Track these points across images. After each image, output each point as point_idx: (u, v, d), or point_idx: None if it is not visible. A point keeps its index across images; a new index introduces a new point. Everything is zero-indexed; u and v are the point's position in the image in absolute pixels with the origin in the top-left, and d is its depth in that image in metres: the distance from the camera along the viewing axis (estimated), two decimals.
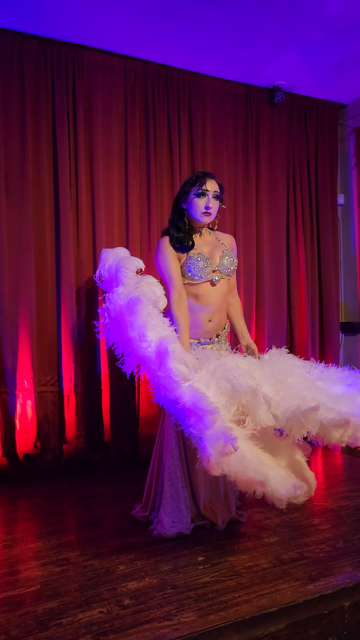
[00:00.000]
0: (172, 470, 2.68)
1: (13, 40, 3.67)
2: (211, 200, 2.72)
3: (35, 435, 3.72)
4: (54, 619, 1.93)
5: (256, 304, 4.55)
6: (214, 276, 2.74)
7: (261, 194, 4.60)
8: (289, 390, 2.37)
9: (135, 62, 4.07)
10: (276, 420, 2.28)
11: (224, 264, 2.76)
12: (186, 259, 2.72)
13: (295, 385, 2.43)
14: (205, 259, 2.72)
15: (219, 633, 1.86)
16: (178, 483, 2.67)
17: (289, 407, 2.28)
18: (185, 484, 2.69)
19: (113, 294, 2.54)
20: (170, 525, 2.61)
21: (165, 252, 2.73)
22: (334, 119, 4.93)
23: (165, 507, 2.65)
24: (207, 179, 2.73)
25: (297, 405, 2.27)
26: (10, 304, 3.66)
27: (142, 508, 2.88)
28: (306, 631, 1.98)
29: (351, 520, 2.83)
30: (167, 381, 2.24)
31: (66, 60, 3.83)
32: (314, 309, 4.80)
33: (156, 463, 2.81)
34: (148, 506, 2.83)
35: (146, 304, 2.41)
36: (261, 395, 2.27)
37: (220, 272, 2.75)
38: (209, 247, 2.81)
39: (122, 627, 1.87)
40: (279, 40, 3.87)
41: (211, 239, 2.86)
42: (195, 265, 2.70)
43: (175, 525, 2.62)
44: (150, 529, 2.71)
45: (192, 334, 2.73)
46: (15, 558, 2.46)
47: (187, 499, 2.68)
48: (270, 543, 2.55)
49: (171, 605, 2.01)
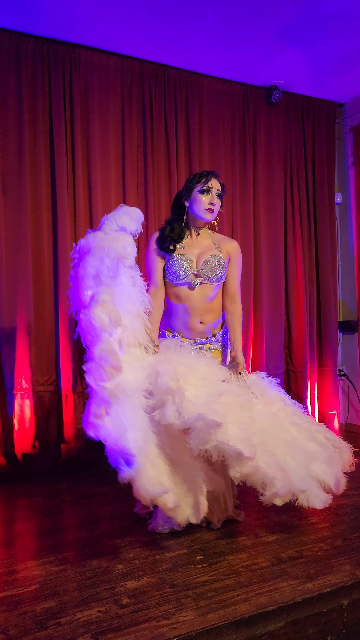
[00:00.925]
0: None
1: (10, 40, 3.66)
2: (215, 197, 2.74)
3: (34, 435, 3.72)
4: (52, 618, 1.93)
5: (254, 303, 4.55)
6: (195, 280, 2.72)
7: (258, 193, 4.60)
8: (215, 404, 2.29)
9: (132, 62, 4.06)
10: (179, 418, 2.25)
11: (205, 270, 2.72)
12: (169, 259, 2.75)
13: (233, 405, 2.36)
14: (189, 261, 2.73)
15: (218, 632, 1.86)
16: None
17: (194, 413, 2.23)
18: None
19: (84, 239, 2.40)
20: (164, 521, 2.66)
21: (149, 247, 2.81)
22: (331, 117, 4.93)
23: None
24: (212, 177, 2.76)
25: (202, 414, 2.21)
26: (7, 304, 3.65)
27: (145, 505, 2.89)
28: (305, 630, 1.98)
29: (349, 518, 2.84)
30: (89, 326, 2.22)
31: (63, 60, 3.83)
32: (312, 308, 4.81)
33: None
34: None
35: (112, 256, 2.27)
36: (175, 397, 2.27)
37: (201, 277, 2.73)
38: (199, 249, 2.79)
39: (120, 626, 1.87)
40: (276, 40, 3.87)
41: (207, 242, 2.83)
42: (176, 267, 2.72)
43: (168, 521, 2.66)
44: (148, 523, 2.75)
45: (185, 335, 2.78)
46: (13, 557, 2.46)
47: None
48: (268, 542, 2.55)
49: (170, 604, 2.01)
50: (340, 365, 5.01)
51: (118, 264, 2.30)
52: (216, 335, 2.81)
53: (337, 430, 4.75)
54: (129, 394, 2.24)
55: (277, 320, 4.66)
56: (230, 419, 2.27)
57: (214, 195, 2.74)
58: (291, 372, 4.79)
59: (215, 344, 2.80)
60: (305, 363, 4.70)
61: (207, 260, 2.73)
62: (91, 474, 3.76)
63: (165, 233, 2.78)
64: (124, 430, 2.16)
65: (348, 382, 4.98)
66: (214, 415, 2.21)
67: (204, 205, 2.73)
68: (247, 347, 4.48)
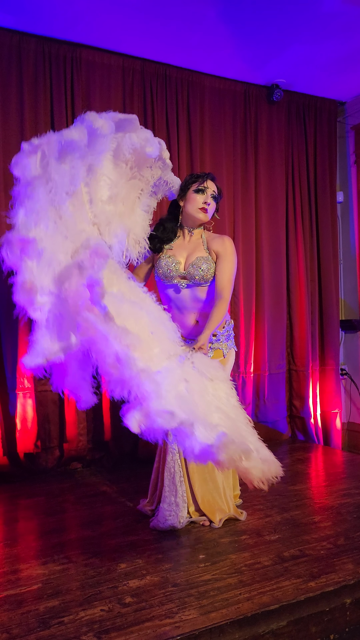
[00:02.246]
0: (170, 465, 2.73)
1: (11, 39, 3.66)
2: (209, 197, 2.73)
3: (36, 435, 3.72)
4: (55, 617, 1.93)
5: (256, 302, 4.55)
6: (181, 282, 2.70)
7: (260, 192, 4.59)
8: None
9: (133, 61, 4.06)
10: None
11: (191, 272, 2.67)
12: (157, 259, 2.75)
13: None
14: (176, 262, 2.70)
15: (221, 631, 1.86)
16: (176, 477, 2.72)
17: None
18: (184, 478, 2.74)
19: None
20: (165, 518, 2.68)
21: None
22: (333, 116, 4.92)
23: (164, 501, 2.72)
24: (209, 179, 2.76)
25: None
26: (9, 303, 3.64)
27: (148, 502, 2.93)
28: (307, 628, 1.98)
29: (352, 517, 2.83)
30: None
31: (64, 59, 3.83)
32: (314, 307, 4.80)
33: (158, 460, 2.86)
34: (154, 499, 2.87)
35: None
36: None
37: (187, 280, 2.69)
38: (188, 250, 2.75)
39: (123, 625, 1.87)
40: (277, 38, 3.86)
41: (197, 243, 2.77)
42: (162, 268, 2.71)
43: (169, 519, 2.68)
44: (150, 520, 2.76)
45: (185, 333, 2.74)
46: (16, 557, 2.47)
47: (184, 494, 2.73)
48: (271, 540, 2.55)
49: (172, 603, 2.01)
50: (342, 364, 5.00)
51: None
52: (217, 335, 2.79)
53: (339, 430, 4.75)
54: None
55: (279, 319, 4.66)
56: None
57: (208, 196, 2.72)
58: (293, 371, 4.79)
59: (216, 343, 2.79)
60: (307, 362, 4.70)
61: (193, 262, 2.68)
62: (93, 473, 3.77)
63: (153, 232, 2.75)
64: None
65: (350, 381, 4.98)
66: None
67: (197, 204, 2.71)
68: (249, 345, 4.48)
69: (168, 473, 2.73)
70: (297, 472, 3.68)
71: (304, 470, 3.79)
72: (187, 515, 2.74)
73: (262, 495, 3.17)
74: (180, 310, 2.75)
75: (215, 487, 2.78)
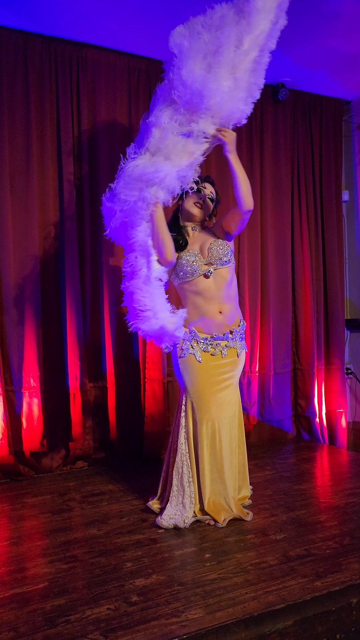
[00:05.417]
0: (179, 465, 2.77)
1: (17, 39, 3.67)
2: (206, 197, 2.91)
3: (42, 433, 3.73)
4: (62, 615, 1.94)
5: (261, 301, 4.55)
6: (208, 268, 2.81)
7: (265, 192, 4.59)
8: None
9: (139, 60, 4.06)
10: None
11: (213, 255, 2.82)
12: (177, 260, 2.84)
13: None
14: (196, 254, 2.83)
15: (227, 630, 1.86)
16: (184, 478, 2.75)
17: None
18: (192, 479, 2.75)
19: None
20: (169, 517, 2.72)
21: None
22: (339, 115, 4.91)
23: (171, 500, 2.76)
24: (207, 183, 2.97)
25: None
26: (16, 303, 3.66)
27: (158, 499, 2.94)
28: (314, 628, 1.98)
29: (358, 517, 2.83)
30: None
31: (70, 59, 3.83)
32: (319, 306, 4.80)
33: (169, 457, 2.88)
34: (164, 497, 2.89)
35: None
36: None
37: (212, 264, 2.82)
38: (199, 242, 2.90)
39: (130, 624, 1.88)
40: (283, 37, 3.82)
41: (204, 234, 2.95)
42: (185, 264, 2.81)
43: (174, 518, 2.71)
44: (155, 517, 2.79)
45: (204, 328, 2.82)
46: (22, 555, 2.48)
47: (192, 495, 2.75)
48: (276, 540, 2.55)
49: (179, 602, 2.01)
50: (348, 364, 5.00)
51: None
52: (233, 332, 2.84)
53: (344, 429, 4.75)
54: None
55: (284, 318, 4.66)
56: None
57: (204, 194, 2.91)
58: (298, 371, 4.78)
59: (232, 342, 2.83)
60: (312, 361, 4.69)
61: (209, 247, 2.84)
62: (99, 472, 3.77)
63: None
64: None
65: (355, 380, 4.97)
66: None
67: (192, 199, 2.91)
68: (254, 344, 4.48)
69: (176, 473, 2.76)
70: (302, 472, 3.68)
71: (310, 469, 3.78)
72: (192, 515, 2.75)
73: (267, 494, 3.18)
74: (207, 301, 2.81)
75: (224, 487, 2.79)
